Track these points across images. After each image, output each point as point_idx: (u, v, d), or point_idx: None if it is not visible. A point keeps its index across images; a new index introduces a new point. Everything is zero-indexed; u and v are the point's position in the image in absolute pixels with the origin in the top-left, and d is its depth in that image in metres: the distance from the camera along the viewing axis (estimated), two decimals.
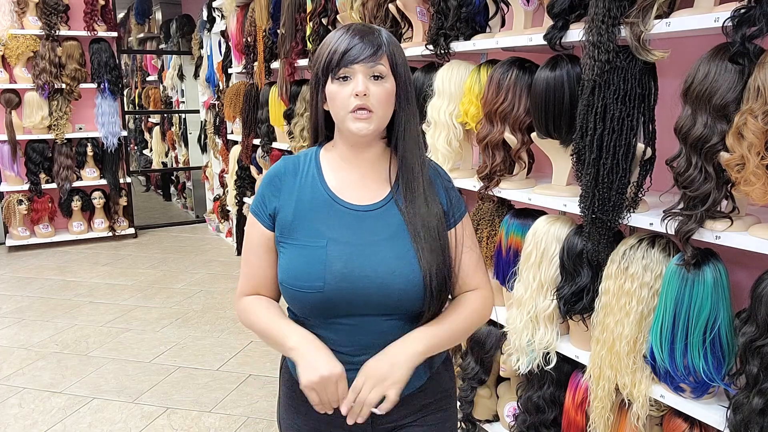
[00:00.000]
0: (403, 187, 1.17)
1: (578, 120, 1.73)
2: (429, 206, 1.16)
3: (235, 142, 5.12)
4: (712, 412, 1.56)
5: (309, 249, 1.14)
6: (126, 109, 7.37)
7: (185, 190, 7.67)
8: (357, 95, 1.09)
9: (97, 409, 2.78)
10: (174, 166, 8.24)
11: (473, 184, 2.23)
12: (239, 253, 5.24)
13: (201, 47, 6.34)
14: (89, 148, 5.63)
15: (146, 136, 9.24)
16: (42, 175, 5.44)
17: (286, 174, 1.21)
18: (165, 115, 8.46)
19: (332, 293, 1.11)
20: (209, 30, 5.78)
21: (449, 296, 1.23)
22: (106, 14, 5.66)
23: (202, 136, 6.58)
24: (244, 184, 4.98)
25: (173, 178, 8.28)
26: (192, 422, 2.66)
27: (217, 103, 5.72)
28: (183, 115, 7.51)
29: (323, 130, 1.24)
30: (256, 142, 4.61)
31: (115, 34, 5.71)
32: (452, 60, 2.35)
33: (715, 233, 1.47)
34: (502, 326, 2.16)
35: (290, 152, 3.97)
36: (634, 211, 1.69)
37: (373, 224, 1.15)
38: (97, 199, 5.71)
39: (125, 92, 7.90)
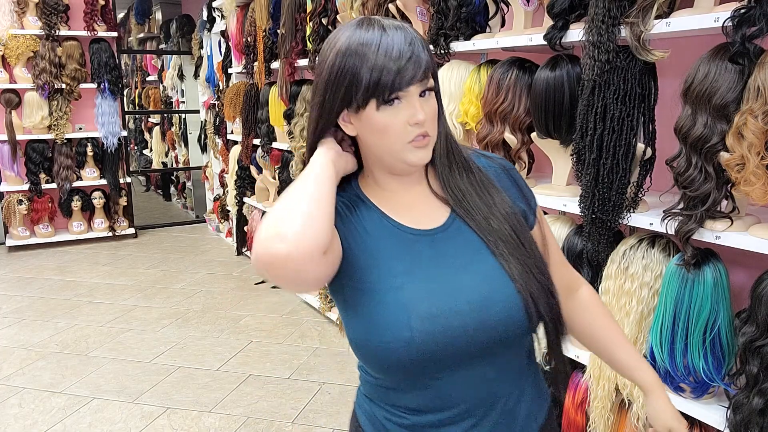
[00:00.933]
0: (457, 201, 0.96)
1: (578, 120, 1.73)
2: (493, 210, 0.95)
3: (235, 142, 5.12)
4: (712, 412, 1.56)
5: (382, 293, 0.90)
6: (126, 109, 7.37)
7: (185, 190, 7.67)
8: (417, 124, 0.88)
9: (97, 409, 2.78)
10: (174, 166, 8.24)
11: None
12: (239, 253, 5.24)
13: (201, 47, 6.34)
14: (89, 148, 5.63)
15: (146, 136, 9.23)
16: (42, 175, 5.44)
17: (339, 210, 0.95)
18: (165, 115, 8.46)
19: (423, 342, 0.88)
20: (209, 30, 5.78)
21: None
22: (106, 14, 5.66)
23: (202, 136, 6.58)
24: (244, 184, 4.98)
25: (173, 178, 8.28)
26: (192, 422, 2.66)
27: (217, 103, 5.72)
28: (183, 115, 7.51)
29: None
30: (256, 142, 4.61)
31: (115, 34, 5.71)
32: (452, 60, 2.35)
33: (715, 233, 1.47)
34: None
35: (290, 152, 3.97)
36: (634, 211, 1.69)
37: (447, 248, 0.95)
38: (97, 199, 5.71)
39: (125, 92, 7.90)
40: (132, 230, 5.99)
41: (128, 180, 5.96)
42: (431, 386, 0.93)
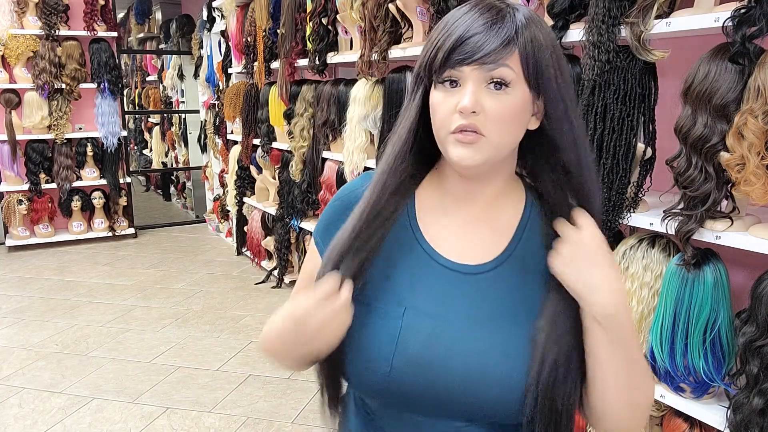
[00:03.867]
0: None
1: None
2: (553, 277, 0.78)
3: (235, 142, 5.12)
4: (712, 412, 1.56)
5: (379, 316, 0.81)
6: (126, 109, 7.37)
7: (185, 190, 7.67)
8: (461, 112, 0.74)
9: (97, 409, 2.77)
10: (174, 166, 8.24)
11: None
12: (239, 252, 5.24)
13: (201, 47, 6.34)
14: (89, 148, 5.62)
15: (146, 136, 9.23)
16: (42, 175, 5.44)
17: None
18: (165, 115, 8.46)
19: (400, 383, 0.79)
20: (209, 30, 5.78)
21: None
22: (106, 14, 5.66)
23: (202, 136, 6.58)
24: (244, 184, 4.98)
25: (173, 178, 8.28)
26: (192, 422, 2.66)
27: (217, 103, 5.71)
28: (183, 115, 7.51)
29: (411, 146, 0.82)
30: (256, 142, 4.61)
31: (115, 34, 5.70)
32: None
33: (715, 233, 1.47)
34: None
35: (290, 152, 3.96)
36: (634, 211, 1.69)
37: (475, 294, 0.81)
38: (97, 199, 5.71)
39: (125, 92, 7.90)
40: (132, 230, 5.99)
41: (128, 180, 5.96)
42: (401, 422, 0.84)
